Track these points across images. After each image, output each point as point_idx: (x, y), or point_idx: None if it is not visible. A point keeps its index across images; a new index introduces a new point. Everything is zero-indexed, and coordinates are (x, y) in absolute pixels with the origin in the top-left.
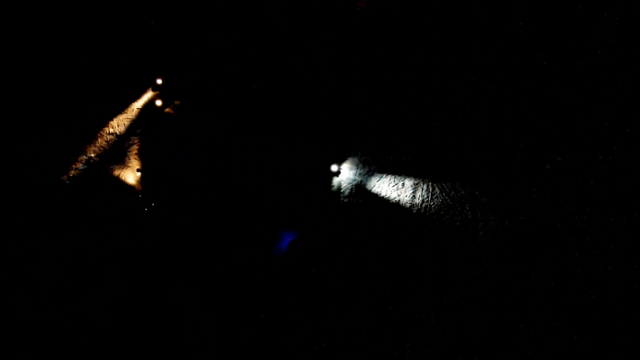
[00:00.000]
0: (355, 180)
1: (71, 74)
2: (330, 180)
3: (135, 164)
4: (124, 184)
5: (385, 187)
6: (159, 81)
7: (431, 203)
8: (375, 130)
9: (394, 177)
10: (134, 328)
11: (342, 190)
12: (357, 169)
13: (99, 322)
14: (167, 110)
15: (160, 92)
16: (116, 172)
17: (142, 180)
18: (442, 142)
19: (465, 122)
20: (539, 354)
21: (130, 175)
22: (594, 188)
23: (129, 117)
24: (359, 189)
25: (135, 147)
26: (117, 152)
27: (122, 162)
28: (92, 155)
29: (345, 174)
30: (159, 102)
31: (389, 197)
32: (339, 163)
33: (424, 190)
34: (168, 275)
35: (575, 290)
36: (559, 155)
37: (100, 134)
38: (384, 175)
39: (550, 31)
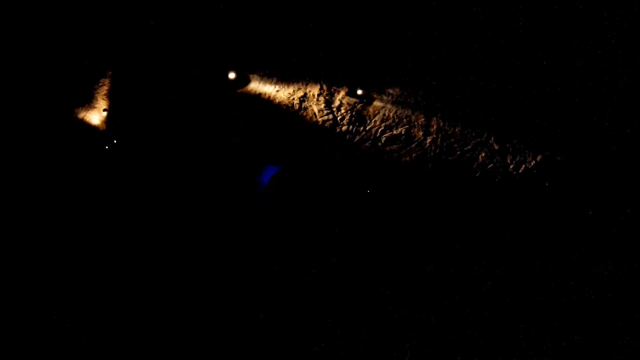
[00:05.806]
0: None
1: (71, 74)
2: None
3: (102, 104)
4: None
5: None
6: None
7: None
8: None
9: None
10: (134, 328)
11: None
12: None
13: (99, 322)
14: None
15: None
16: (82, 114)
17: (107, 119)
18: (441, 141)
19: (465, 122)
20: (539, 354)
21: (96, 115)
22: (594, 188)
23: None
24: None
25: (105, 88)
26: (85, 93)
27: (89, 103)
28: None
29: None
30: (232, 75)
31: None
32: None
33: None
34: (168, 275)
35: (575, 290)
36: (559, 155)
37: None
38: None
39: (550, 31)
